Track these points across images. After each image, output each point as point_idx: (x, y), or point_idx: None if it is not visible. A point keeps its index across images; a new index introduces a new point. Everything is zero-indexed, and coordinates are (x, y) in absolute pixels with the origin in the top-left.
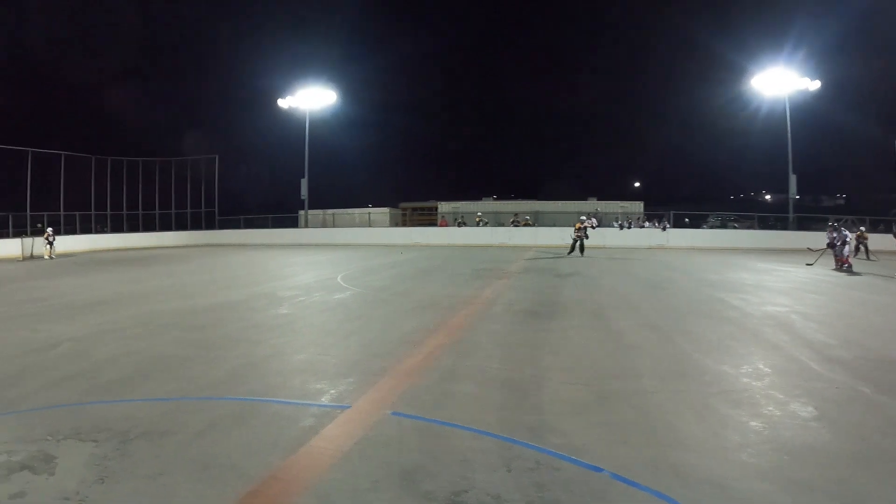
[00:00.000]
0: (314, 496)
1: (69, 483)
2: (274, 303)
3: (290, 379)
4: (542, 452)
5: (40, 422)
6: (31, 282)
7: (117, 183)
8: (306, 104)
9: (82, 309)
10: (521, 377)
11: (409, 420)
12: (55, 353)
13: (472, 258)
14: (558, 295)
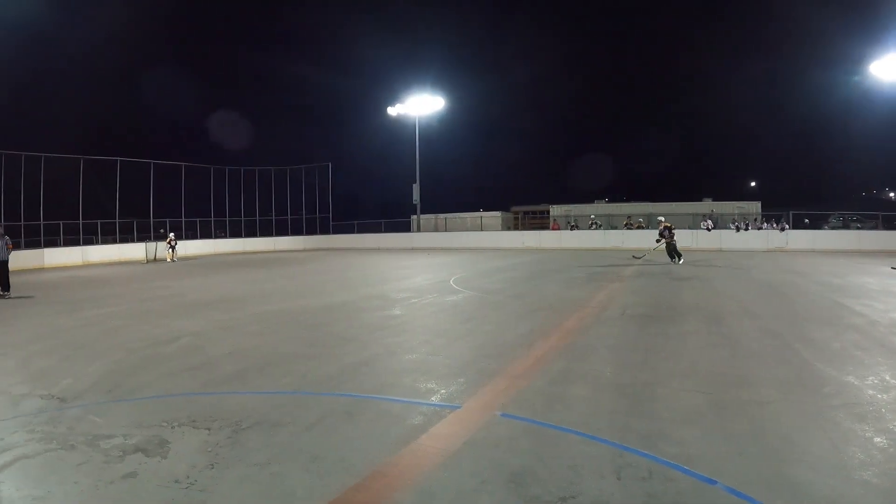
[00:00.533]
0: (418, 493)
1: (180, 467)
2: (386, 304)
3: (400, 377)
4: (654, 461)
5: (157, 409)
6: (154, 282)
7: (235, 190)
8: (415, 111)
9: (202, 307)
10: (634, 382)
11: (519, 422)
12: (175, 346)
13: (586, 261)
14: (674, 299)
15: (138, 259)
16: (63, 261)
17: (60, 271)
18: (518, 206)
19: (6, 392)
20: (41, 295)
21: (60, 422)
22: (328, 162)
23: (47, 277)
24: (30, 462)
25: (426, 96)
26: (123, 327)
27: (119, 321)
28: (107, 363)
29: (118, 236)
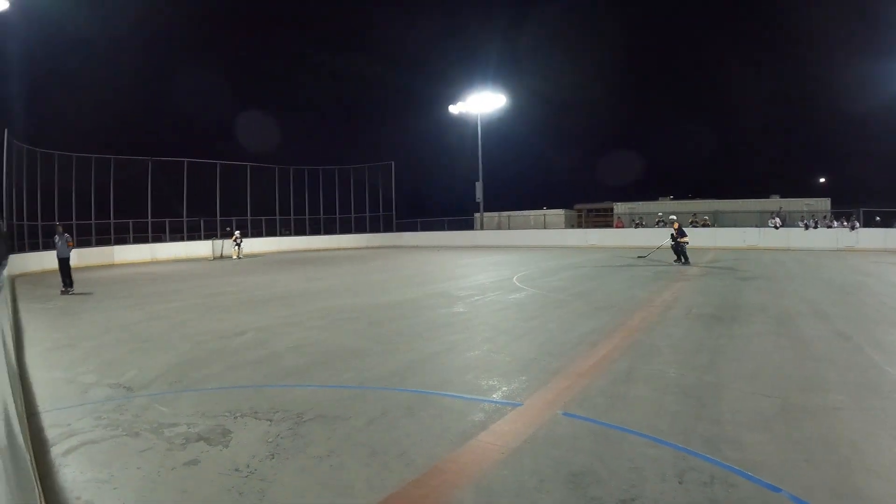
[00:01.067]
0: (477, 490)
1: (241, 456)
2: (449, 301)
3: (462, 374)
4: (717, 466)
5: (221, 400)
6: (221, 278)
7: (299, 189)
8: (477, 109)
9: (266, 302)
10: (699, 384)
11: (581, 421)
12: (240, 340)
13: (650, 259)
14: (740, 298)
15: (205, 256)
16: (132, 258)
17: (130, 268)
18: (581, 203)
19: (75, 381)
20: (111, 290)
21: (126, 410)
22: (391, 161)
23: (117, 273)
24: (95, 447)
25: (488, 94)
26: (190, 321)
27: (186, 315)
28: (173, 355)
29: (185, 234)
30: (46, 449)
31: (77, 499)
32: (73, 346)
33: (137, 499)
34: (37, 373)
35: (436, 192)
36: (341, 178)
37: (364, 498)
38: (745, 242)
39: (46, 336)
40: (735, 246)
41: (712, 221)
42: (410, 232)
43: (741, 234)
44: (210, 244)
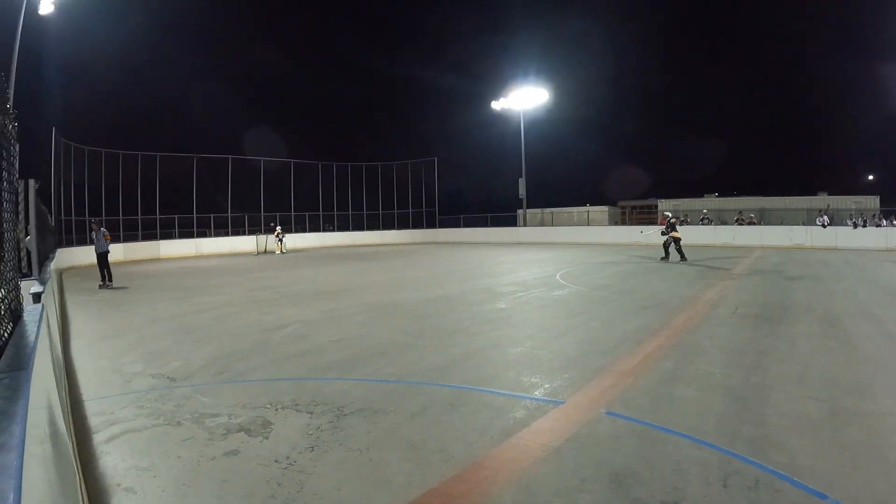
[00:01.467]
0: (518, 488)
1: (281, 447)
2: (492, 297)
3: (504, 371)
4: (762, 470)
5: (263, 392)
6: (264, 272)
7: (342, 186)
8: (519, 104)
9: (310, 297)
10: (744, 385)
11: (624, 421)
12: (283, 333)
13: (695, 257)
14: (787, 298)
15: (249, 251)
16: (178, 252)
17: (175, 262)
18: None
19: (119, 370)
20: (156, 283)
21: (169, 399)
22: (434, 157)
23: (162, 267)
24: (137, 435)
25: (530, 89)
26: (234, 314)
27: (230, 308)
28: (217, 347)
29: (230, 229)
30: (89, 436)
31: (118, 485)
32: (118, 337)
33: (177, 487)
34: (82, 362)
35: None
36: (384, 175)
37: (403, 493)
38: (791, 241)
39: (93, 327)
40: (781, 244)
41: (758, 219)
42: (453, 228)
43: (787, 232)
44: (254, 239)
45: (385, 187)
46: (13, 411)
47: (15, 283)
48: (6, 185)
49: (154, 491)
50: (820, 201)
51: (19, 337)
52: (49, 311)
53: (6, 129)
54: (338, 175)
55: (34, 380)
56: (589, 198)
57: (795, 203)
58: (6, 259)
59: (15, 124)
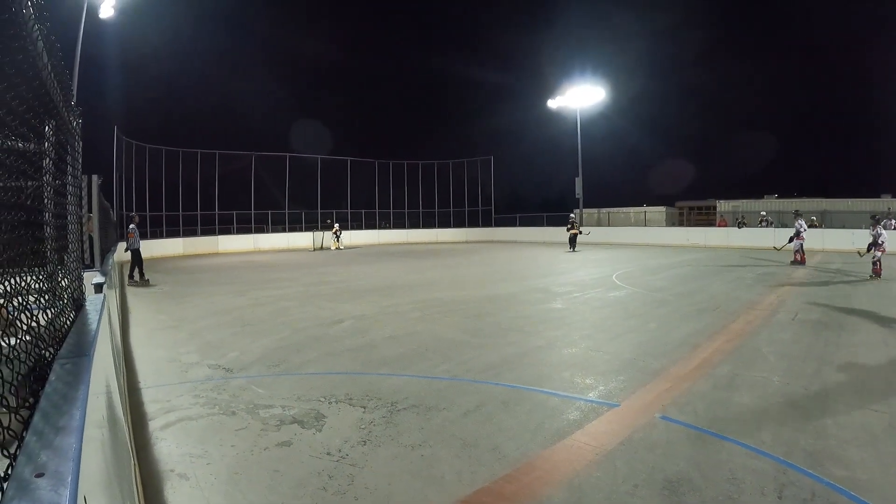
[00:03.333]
0: (569, 490)
1: (334, 440)
2: (548, 297)
3: (559, 371)
4: (819, 482)
5: (317, 385)
6: (321, 268)
7: (398, 183)
8: (576, 103)
9: (366, 292)
10: (804, 394)
11: (679, 426)
12: (339, 328)
13: (754, 261)
14: (849, 304)
15: (305, 247)
16: (235, 247)
17: (233, 256)
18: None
19: (177, 360)
20: (214, 277)
21: (224, 390)
22: (490, 155)
23: (221, 261)
24: (192, 423)
25: (587, 87)
26: (291, 308)
27: (287, 302)
28: (273, 340)
29: (287, 226)
30: (145, 423)
31: (171, 471)
32: (176, 328)
33: (230, 475)
34: (141, 351)
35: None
36: (440, 173)
37: (454, 490)
38: (853, 245)
39: (152, 317)
40: (843, 248)
41: (819, 222)
42: (509, 227)
43: (850, 235)
44: (311, 235)
45: (441, 185)
46: (74, 396)
47: (78, 274)
48: (70, 179)
49: (207, 478)
50: (883, 204)
51: (81, 325)
52: (110, 302)
53: (70, 125)
54: (394, 173)
55: (94, 366)
56: (646, 198)
57: (858, 205)
58: (70, 250)
59: (80, 121)
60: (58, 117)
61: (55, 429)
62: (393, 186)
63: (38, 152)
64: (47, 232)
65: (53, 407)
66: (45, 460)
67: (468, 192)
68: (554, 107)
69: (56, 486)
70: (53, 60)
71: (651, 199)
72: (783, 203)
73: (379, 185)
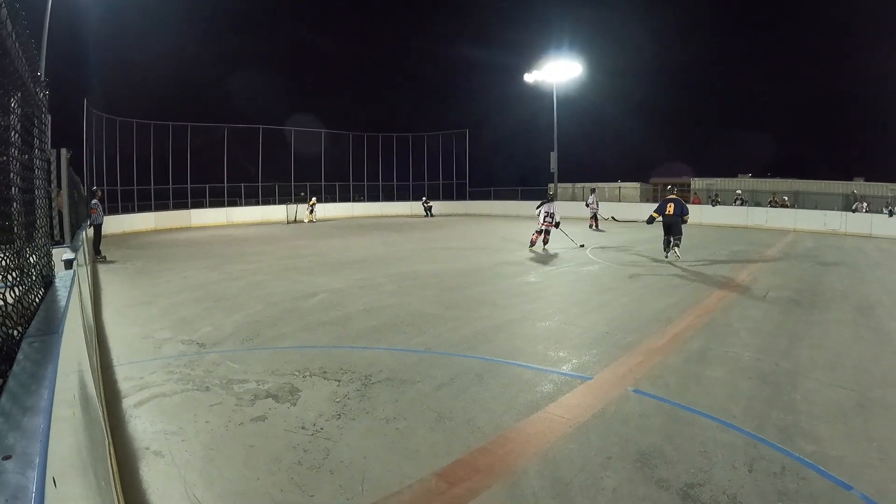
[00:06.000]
0: (543, 462)
1: (308, 414)
2: (522, 271)
3: (533, 344)
4: (789, 457)
5: (291, 359)
6: (295, 241)
7: (373, 156)
8: (553, 77)
9: (340, 266)
10: (775, 370)
11: (652, 400)
12: (313, 301)
13: (727, 239)
14: (820, 284)
15: (279, 220)
16: (208, 221)
17: (206, 230)
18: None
19: (150, 336)
20: (186, 251)
21: (198, 365)
22: (465, 129)
23: (193, 235)
24: (166, 400)
25: (564, 62)
26: (264, 282)
27: (261, 276)
28: (247, 314)
29: (260, 199)
30: (119, 400)
31: (146, 449)
32: (149, 304)
33: (205, 451)
34: (113, 328)
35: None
36: (415, 146)
37: (429, 462)
38: (825, 226)
39: (124, 294)
40: (815, 229)
41: (792, 202)
42: (483, 201)
43: (822, 217)
44: (285, 208)
45: (416, 158)
46: (42, 374)
47: (47, 250)
48: (38, 153)
49: (182, 455)
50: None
51: (50, 302)
52: (80, 278)
53: (38, 97)
54: (368, 145)
55: (64, 344)
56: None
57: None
58: (38, 226)
59: (46, 93)
60: (23, 89)
61: (22, 409)
62: (367, 159)
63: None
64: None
65: (21, 387)
66: (11, 442)
67: (443, 166)
68: (531, 81)
69: (23, 469)
70: (18, 29)
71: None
72: (757, 183)
73: (353, 158)
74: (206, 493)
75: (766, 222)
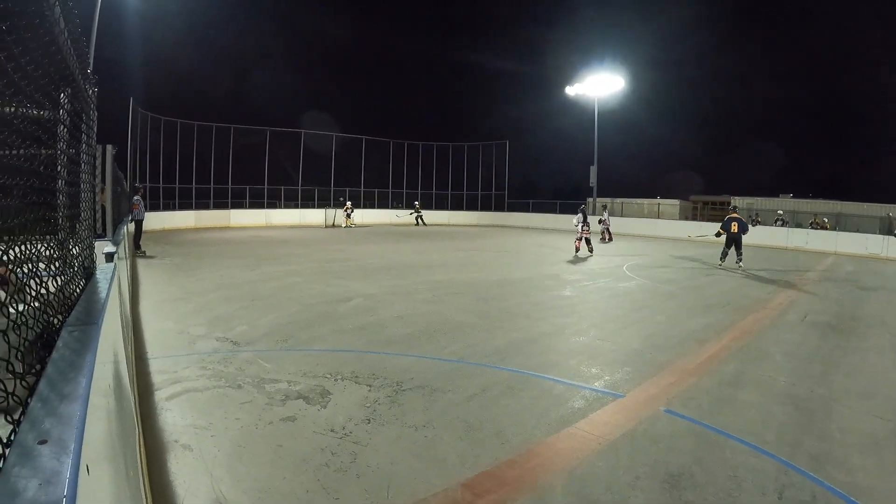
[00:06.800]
0: (570, 478)
1: (338, 417)
2: (558, 284)
3: (566, 358)
4: (820, 486)
5: (324, 362)
6: (332, 245)
7: (412, 164)
8: (594, 91)
9: (376, 271)
10: (809, 396)
11: (683, 421)
12: (347, 306)
13: (766, 259)
14: (859, 309)
15: (317, 224)
16: (247, 222)
17: (244, 231)
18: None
19: (185, 332)
20: (225, 250)
21: (231, 363)
22: (506, 140)
23: (232, 235)
24: (197, 395)
25: (605, 76)
26: (300, 284)
27: (297, 278)
28: (282, 315)
29: (299, 202)
30: (151, 392)
31: (175, 442)
32: (186, 300)
33: (233, 448)
34: (149, 322)
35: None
36: (455, 155)
37: (456, 472)
38: (866, 249)
39: (162, 289)
40: (856, 253)
41: (833, 224)
42: (521, 213)
43: (863, 240)
44: (323, 212)
45: (455, 168)
46: (81, 363)
47: (89, 242)
48: (85, 148)
49: (210, 450)
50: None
51: (91, 293)
52: (120, 271)
53: (86, 93)
54: (408, 153)
55: (102, 335)
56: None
57: (873, 210)
58: (82, 219)
59: (95, 90)
60: (73, 85)
61: (60, 396)
62: (407, 167)
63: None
64: (60, 199)
65: (59, 374)
66: (48, 427)
67: (482, 176)
68: (572, 94)
69: (59, 454)
70: (70, 27)
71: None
72: (797, 203)
73: (393, 165)
74: (232, 489)
75: (807, 244)
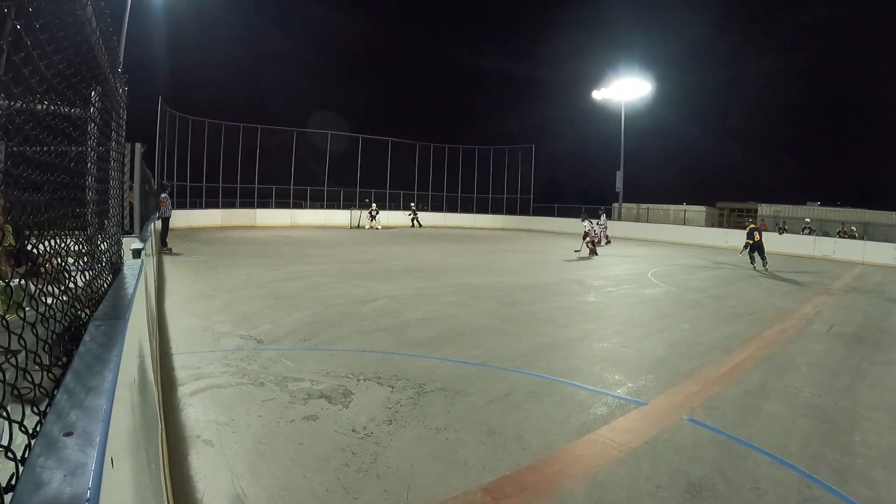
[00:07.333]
0: (591, 485)
1: (359, 418)
2: (583, 290)
3: (589, 364)
4: (843, 500)
5: (347, 362)
6: (357, 246)
7: (438, 167)
8: (620, 96)
9: (400, 273)
10: (834, 409)
11: (706, 430)
12: (371, 307)
13: (793, 268)
14: (886, 321)
15: (342, 225)
16: (273, 221)
17: (270, 230)
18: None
19: (209, 328)
20: (250, 249)
21: (255, 360)
22: (531, 144)
23: (258, 234)
24: (220, 391)
25: (632, 80)
26: (325, 284)
27: (321, 278)
28: (306, 315)
29: (325, 203)
30: (175, 388)
31: (197, 437)
32: (211, 297)
33: (254, 444)
34: (175, 318)
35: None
36: (481, 159)
37: (476, 475)
38: (895, 260)
39: (187, 286)
40: (884, 263)
41: (861, 233)
42: (546, 217)
43: (892, 250)
44: (349, 213)
45: (481, 171)
46: (107, 357)
47: (117, 238)
48: (114, 146)
49: (231, 446)
50: None
51: (118, 288)
52: (147, 268)
53: (116, 91)
54: (434, 156)
55: (129, 330)
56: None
57: None
58: (111, 215)
59: (125, 88)
60: (104, 83)
61: (86, 389)
62: (433, 169)
63: (84, 117)
64: (89, 196)
65: (86, 367)
66: (74, 419)
67: (507, 180)
68: (598, 98)
69: (84, 447)
70: (102, 26)
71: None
72: (825, 211)
73: (419, 167)
74: (253, 485)
75: (834, 253)
